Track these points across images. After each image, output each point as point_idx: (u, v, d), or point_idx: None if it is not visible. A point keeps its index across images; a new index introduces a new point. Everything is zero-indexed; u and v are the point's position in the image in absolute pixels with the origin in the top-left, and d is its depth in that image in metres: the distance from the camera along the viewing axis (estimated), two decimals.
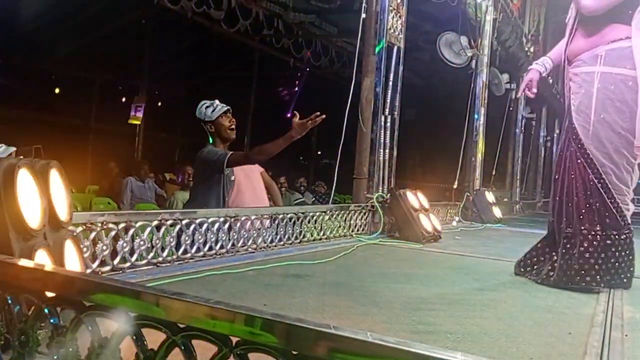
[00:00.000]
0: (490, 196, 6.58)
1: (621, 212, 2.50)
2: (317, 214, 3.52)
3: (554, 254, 2.67)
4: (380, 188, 4.37)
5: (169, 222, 2.44)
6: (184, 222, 2.49)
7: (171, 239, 2.45)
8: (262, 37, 9.78)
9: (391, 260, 3.21)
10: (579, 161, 2.51)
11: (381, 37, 4.29)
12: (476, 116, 7.12)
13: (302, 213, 3.33)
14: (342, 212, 3.86)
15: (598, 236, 2.48)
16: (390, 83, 4.42)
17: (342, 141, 4.19)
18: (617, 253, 2.48)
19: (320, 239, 3.50)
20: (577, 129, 2.52)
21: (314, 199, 7.47)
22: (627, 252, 2.51)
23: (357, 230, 4.01)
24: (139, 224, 2.28)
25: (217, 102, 3.45)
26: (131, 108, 9.38)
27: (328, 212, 3.66)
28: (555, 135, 13.39)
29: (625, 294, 2.53)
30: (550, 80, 11.60)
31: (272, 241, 3.02)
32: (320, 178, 9.11)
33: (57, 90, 9.89)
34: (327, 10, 8.97)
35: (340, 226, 3.77)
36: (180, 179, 6.51)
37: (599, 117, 2.46)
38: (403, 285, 2.48)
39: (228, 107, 3.47)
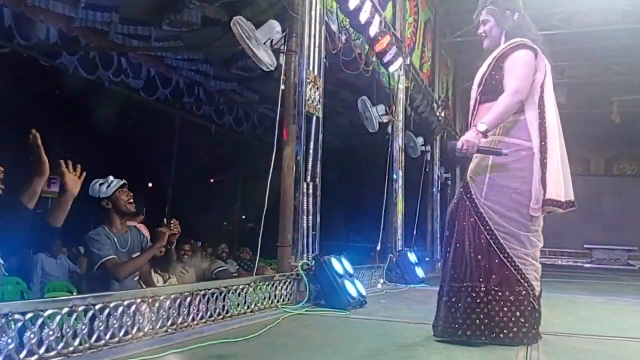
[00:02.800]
0: (412, 256, 6.72)
1: (517, 269, 2.65)
2: (241, 286, 3.44)
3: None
4: (305, 255, 4.35)
5: (81, 308, 2.29)
6: (97, 306, 2.36)
7: (83, 326, 2.30)
8: (182, 104, 9.78)
9: (317, 331, 3.16)
10: (472, 219, 2.69)
11: (300, 107, 4.40)
12: (395, 177, 7.36)
13: (225, 287, 3.24)
14: (267, 282, 3.80)
15: (482, 293, 2.62)
16: (311, 151, 4.50)
17: (265, 208, 4.19)
18: (505, 309, 2.61)
19: (245, 313, 3.41)
20: (471, 189, 2.73)
21: (238, 266, 7.30)
22: (520, 308, 2.63)
23: (283, 301, 3.95)
24: (48, 312, 2.13)
25: (111, 177, 3.43)
26: (48, 181, 8.94)
27: (252, 283, 3.58)
28: None
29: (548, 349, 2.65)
30: None
31: (193, 319, 2.90)
32: (245, 243, 8.97)
33: None
34: (248, 78, 9.12)
35: (265, 297, 3.69)
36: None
37: (493, 179, 2.68)
38: (328, 358, 2.44)
39: (124, 181, 3.43)
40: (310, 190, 4.48)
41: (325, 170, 4.80)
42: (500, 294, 2.62)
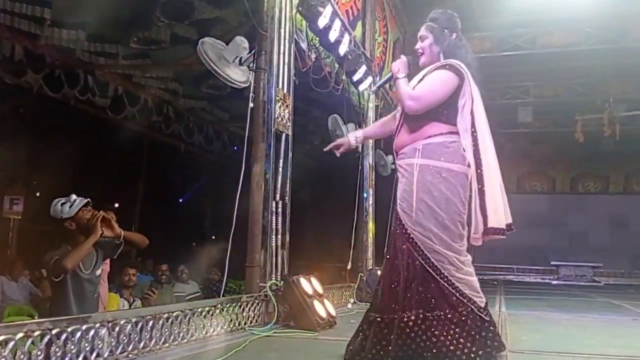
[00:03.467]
0: None
1: (456, 289, 2.59)
2: (207, 309, 3.35)
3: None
4: (274, 275, 4.28)
5: (36, 333, 2.19)
6: (54, 331, 2.26)
7: (39, 352, 2.19)
8: (151, 123, 9.65)
9: (285, 354, 3.10)
10: (404, 246, 2.65)
11: (270, 125, 4.37)
12: (365, 196, 7.35)
13: (190, 310, 3.15)
14: (234, 304, 3.71)
15: (419, 320, 2.53)
16: (281, 169, 4.46)
17: (233, 228, 4.12)
18: (450, 331, 2.51)
19: (211, 336, 3.31)
20: (400, 215, 2.70)
21: (200, 287, 7.14)
22: (465, 328, 2.53)
23: (251, 322, 3.86)
24: (1, 337, 2.03)
25: (73, 196, 3.33)
26: (4, 200, 8.69)
27: (218, 305, 3.50)
28: None
29: None
30: None
31: (156, 344, 2.80)
32: (214, 264, 8.83)
33: None
34: (218, 96, 9.07)
35: (231, 320, 3.61)
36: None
37: (419, 204, 2.64)
38: None
39: (88, 200, 3.33)
40: (280, 209, 4.43)
41: (296, 189, 4.76)
42: (442, 316, 2.54)
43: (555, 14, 9.78)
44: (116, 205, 11.08)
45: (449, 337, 2.50)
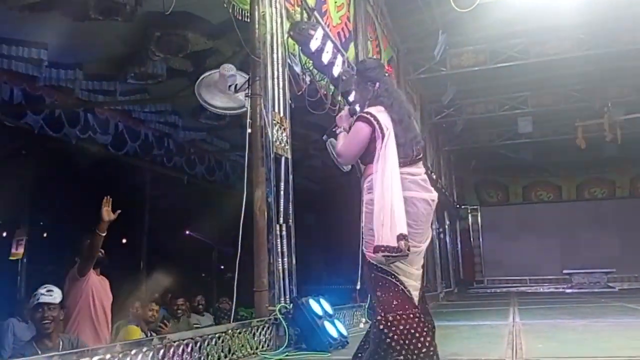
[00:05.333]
0: None
1: (410, 296, 2.93)
2: (217, 335, 3.33)
3: None
4: (282, 299, 4.26)
5: None
6: None
7: None
8: (152, 157, 9.72)
9: None
10: (366, 262, 3.10)
11: (268, 149, 4.39)
12: None
13: (200, 337, 3.14)
14: (245, 329, 3.69)
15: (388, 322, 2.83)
16: (282, 192, 4.48)
17: (238, 253, 4.14)
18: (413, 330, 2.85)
19: None
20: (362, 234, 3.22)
21: (214, 318, 7.10)
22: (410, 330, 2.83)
23: (262, 347, 3.83)
24: None
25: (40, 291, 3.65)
26: (12, 244, 8.71)
27: (229, 331, 3.48)
28: (446, 226, 14.11)
29: None
30: (434, 176, 12.39)
31: None
32: (224, 294, 8.78)
33: None
34: (217, 127, 9.15)
35: (243, 345, 3.58)
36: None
37: (364, 225, 3.17)
38: None
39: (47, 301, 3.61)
40: (284, 232, 4.43)
41: (301, 213, 4.77)
42: (397, 320, 2.86)
43: (546, 23, 9.86)
44: (124, 240, 11.12)
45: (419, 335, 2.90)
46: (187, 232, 12.24)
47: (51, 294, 3.64)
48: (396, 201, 3.00)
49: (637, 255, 17.65)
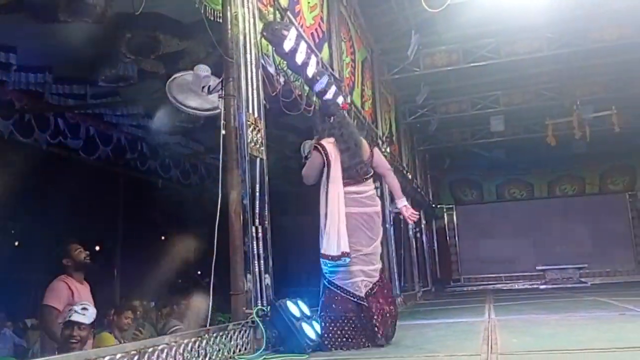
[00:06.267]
0: None
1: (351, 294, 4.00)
2: (193, 339, 3.29)
3: None
4: (260, 301, 4.23)
5: None
6: None
7: None
8: (126, 161, 9.58)
9: None
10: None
11: (243, 151, 4.36)
12: None
13: (175, 342, 3.09)
14: (221, 333, 3.65)
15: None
16: (258, 194, 4.44)
17: (214, 257, 4.10)
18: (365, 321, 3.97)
19: None
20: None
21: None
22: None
23: (240, 350, 3.80)
24: None
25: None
26: None
27: (205, 335, 3.44)
28: (422, 225, 14.20)
29: None
30: (409, 176, 12.47)
31: None
32: (204, 299, 8.70)
33: None
34: (192, 129, 9.04)
35: (219, 350, 3.54)
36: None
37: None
38: None
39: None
40: (260, 234, 4.40)
41: (279, 215, 4.76)
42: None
43: (515, 23, 10.01)
44: (97, 248, 10.94)
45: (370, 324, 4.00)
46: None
47: (85, 313, 3.56)
48: (341, 222, 3.91)
49: (608, 250, 18.06)
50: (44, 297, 4.46)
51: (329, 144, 4.08)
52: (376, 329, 3.87)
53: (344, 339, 3.94)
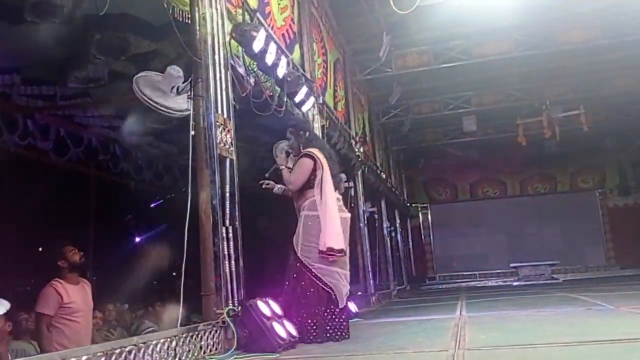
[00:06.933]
0: None
1: (330, 289, 4.36)
2: (162, 340, 3.29)
3: None
4: (230, 301, 4.24)
5: None
6: None
7: None
8: (97, 163, 9.45)
9: None
10: (297, 264, 4.44)
11: (212, 151, 4.36)
12: None
13: (144, 343, 3.09)
14: (191, 333, 3.66)
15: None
16: (227, 194, 4.45)
17: (184, 258, 4.11)
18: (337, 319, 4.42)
19: None
20: (293, 247, 4.53)
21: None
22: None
23: (210, 350, 3.80)
24: None
25: None
26: None
27: (174, 336, 3.44)
28: (397, 224, 14.31)
29: None
30: (384, 176, 12.57)
31: None
32: (178, 301, 8.65)
33: None
34: (165, 130, 8.97)
35: (190, 350, 3.55)
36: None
37: (302, 236, 4.44)
38: None
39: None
40: (230, 234, 4.40)
41: (253, 216, 4.82)
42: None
43: (485, 25, 10.18)
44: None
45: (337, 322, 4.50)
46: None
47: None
48: (336, 221, 4.30)
49: (579, 247, 18.44)
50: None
51: (318, 151, 4.51)
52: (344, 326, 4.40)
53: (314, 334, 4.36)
